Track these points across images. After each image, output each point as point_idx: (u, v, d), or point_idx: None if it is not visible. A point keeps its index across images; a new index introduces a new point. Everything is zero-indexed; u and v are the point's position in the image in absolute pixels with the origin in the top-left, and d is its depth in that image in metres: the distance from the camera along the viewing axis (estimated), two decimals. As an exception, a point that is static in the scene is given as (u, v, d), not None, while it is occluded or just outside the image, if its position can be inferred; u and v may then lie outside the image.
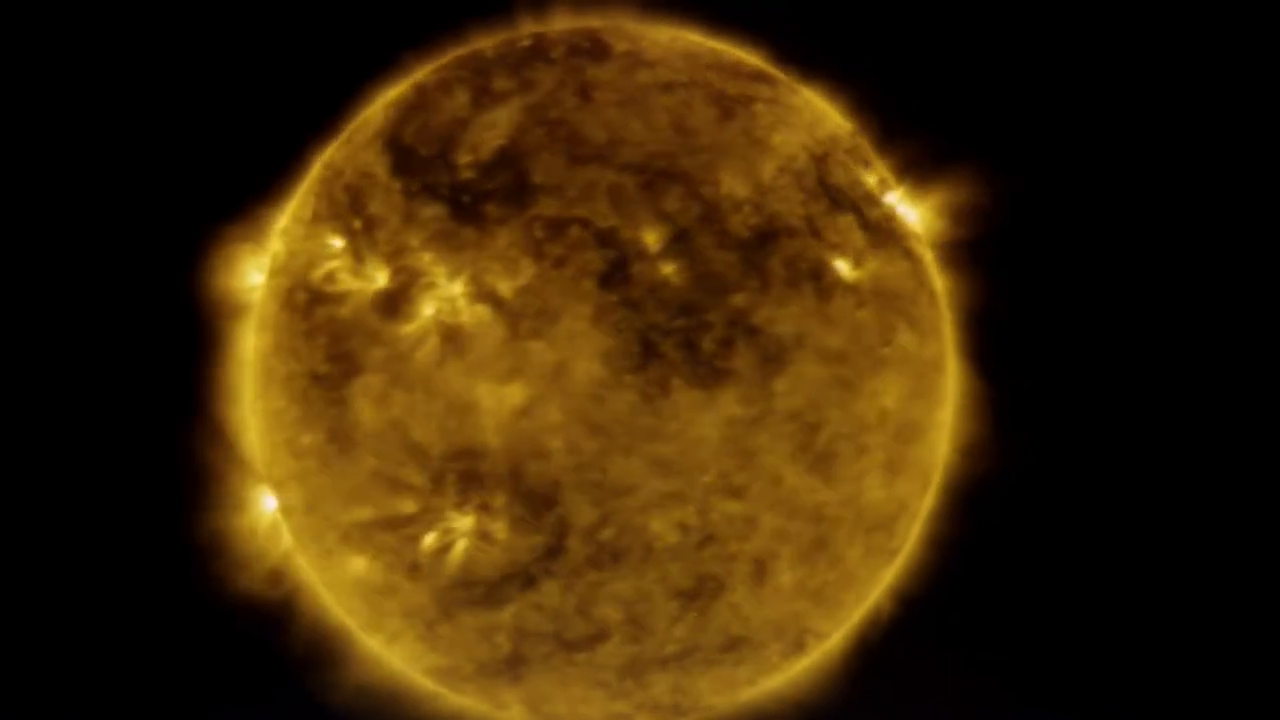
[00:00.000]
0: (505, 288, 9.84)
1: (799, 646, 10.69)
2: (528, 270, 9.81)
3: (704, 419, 9.91)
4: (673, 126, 10.17)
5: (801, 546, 10.30)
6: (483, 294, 9.85)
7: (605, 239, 9.87)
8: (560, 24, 10.74)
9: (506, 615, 10.19)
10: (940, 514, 10.73)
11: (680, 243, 9.92)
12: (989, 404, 10.62)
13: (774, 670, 10.75)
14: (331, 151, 10.62)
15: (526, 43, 10.54)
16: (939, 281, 10.78)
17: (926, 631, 10.88)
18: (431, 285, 9.85)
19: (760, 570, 10.25)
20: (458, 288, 9.86)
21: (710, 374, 9.88)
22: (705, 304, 9.92)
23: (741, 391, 9.94)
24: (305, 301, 10.21)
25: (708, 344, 9.88)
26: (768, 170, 10.20)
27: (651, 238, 9.89)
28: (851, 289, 10.21)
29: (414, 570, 10.14)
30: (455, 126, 10.17)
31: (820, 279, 10.12)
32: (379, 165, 10.16)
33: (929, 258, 10.77)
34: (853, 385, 10.19)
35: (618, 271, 9.84)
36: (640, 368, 9.81)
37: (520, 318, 9.83)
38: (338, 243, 10.12)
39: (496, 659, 10.39)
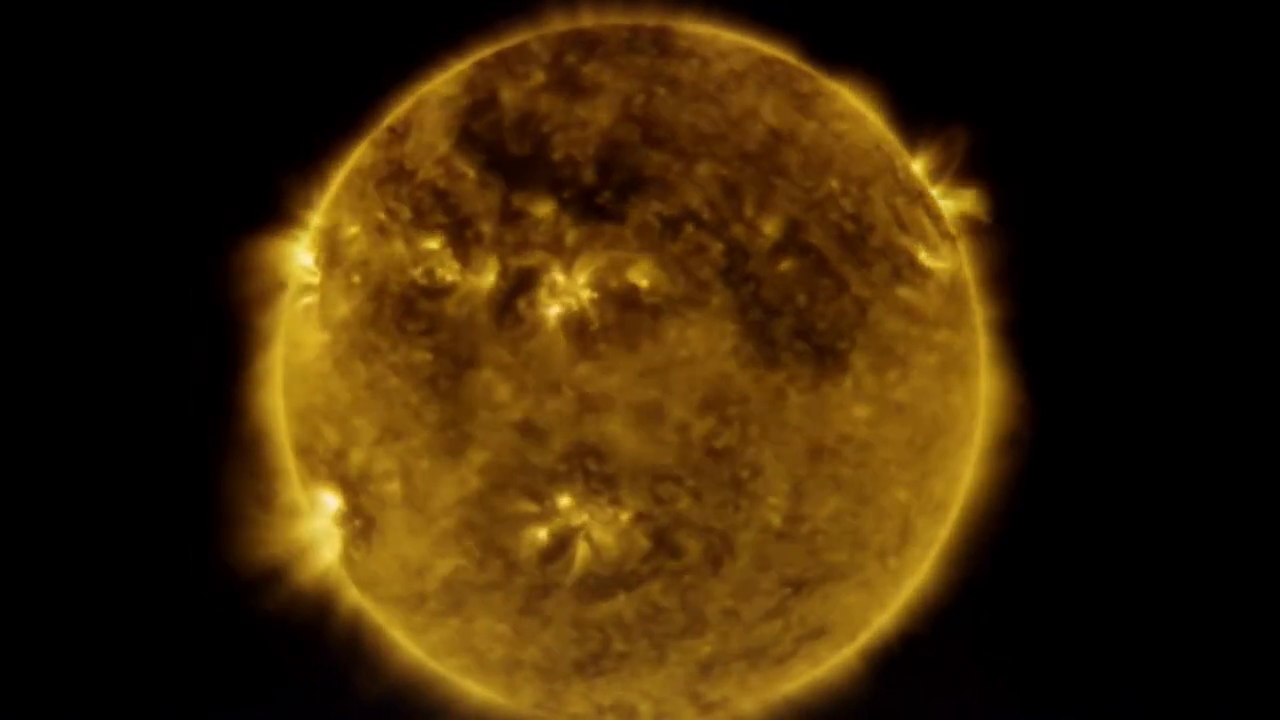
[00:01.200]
0: (626, 283, 9.54)
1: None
2: (648, 265, 9.55)
3: (829, 413, 9.78)
4: (761, 121, 10.03)
5: (891, 539, 10.21)
6: (605, 290, 9.59)
7: (720, 232, 9.67)
8: (589, 21, 10.47)
9: (606, 611, 10.00)
10: (969, 518, 10.68)
11: (793, 235, 9.78)
12: (1019, 403, 10.53)
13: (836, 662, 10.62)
14: (377, 151, 10.21)
15: (575, 37, 10.24)
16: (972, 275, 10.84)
17: (952, 638, 10.92)
18: (550, 282, 9.58)
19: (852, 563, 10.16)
20: (578, 283, 9.63)
21: (834, 368, 9.73)
22: (824, 296, 9.79)
23: (860, 386, 9.84)
24: (400, 302, 9.88)
25: (830, 338, 9.74)
26: (854, 164, 10.12)
27: (768, 230, 9.74)
28: (936, 279, 10.20)
29: (513, 567, 9.93)
30: (539, 122, 9.90)
31: (915, 270, 10.08)
32: (464, 164, 9.83)
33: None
34: (945, 377, 10.17)
35: (738, 265, 9.67)
36: (767, 362, 9.63)
37: (645, 313, 9.52)
38: (433, 243, 9.74)
39: (582, 655, 10.22)
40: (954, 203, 10.75)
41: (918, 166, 10.67)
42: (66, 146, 10.98)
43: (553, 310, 9.70)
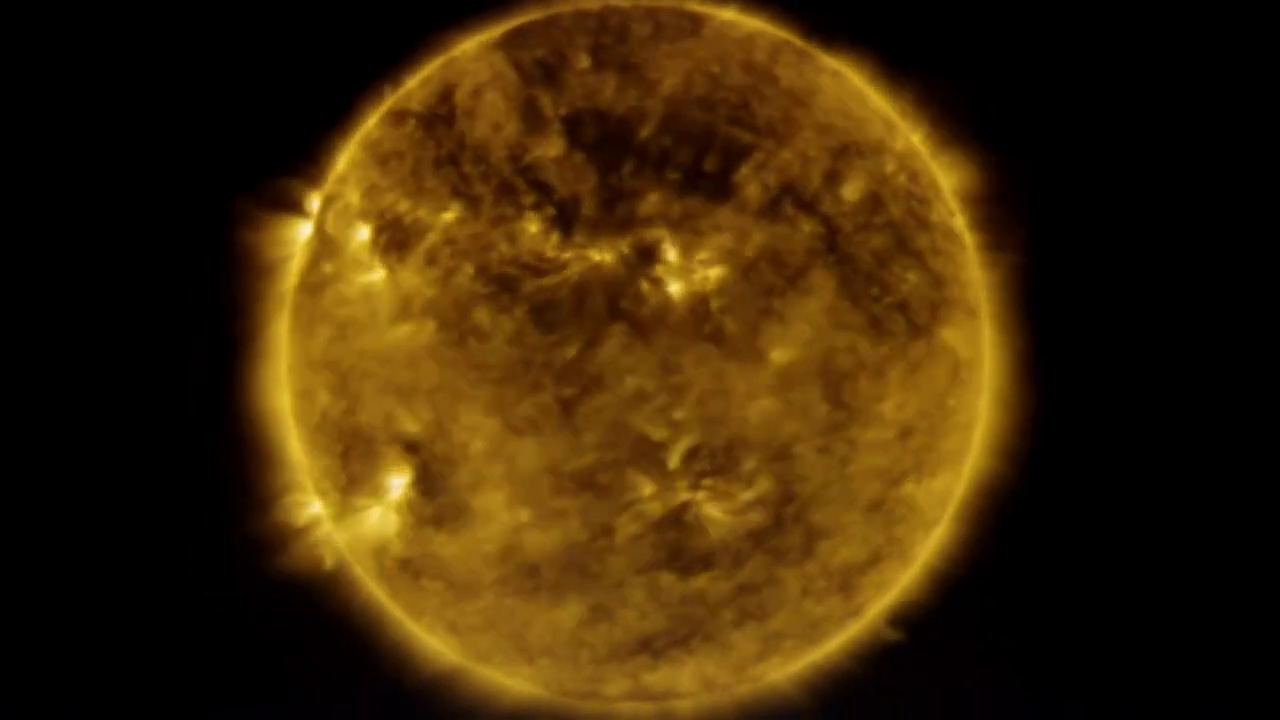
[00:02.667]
0: (743, 260, 9.50)
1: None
2: (760, 241, 9.55)
3: (923, 386, 9.98)
4: (822, 96, 10.15)
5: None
6: (724, 266, 9.56)
7: (815, 208, 9.78)
8: (589, 4, 10.43)
9: (697, 588, 10.01)
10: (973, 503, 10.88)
11: (875, 211, 9.94)
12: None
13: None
14: (417, 133, 9.96)
15: (599, 17, 10.18)
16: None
17: (958, 621, 11.03)
18: (666, 260, 9.42)
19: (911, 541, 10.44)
20: (694, 260, 9.53)
21: (925, 342, 9.94)
22: (907, 268, 9.98)
23: (943, 356, 10.07)
24: (504, 283, 9.69)
25: (919, 312, 9.95)
26: (892, 140, 10.34)
27: (854, 207, 9.86)
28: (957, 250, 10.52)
29: (612, 546, 9.88)
30: (611, 101, 9.78)
31: (949, 239, 10.37)
32: (547, 143, 9.62)
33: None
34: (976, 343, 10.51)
35: (836, 242, 9.75)
36: (873, 340, 9.75)
37: (762, 292, 9.62)
38: (531, 224, 9.60)
39: (655, 632, 10.19)
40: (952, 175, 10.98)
41: (918, 140, 10.90)
42: (75, 135, 10.87)
43: (672, 288, 9.57)
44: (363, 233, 10.02)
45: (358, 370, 9.97)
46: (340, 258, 10.09)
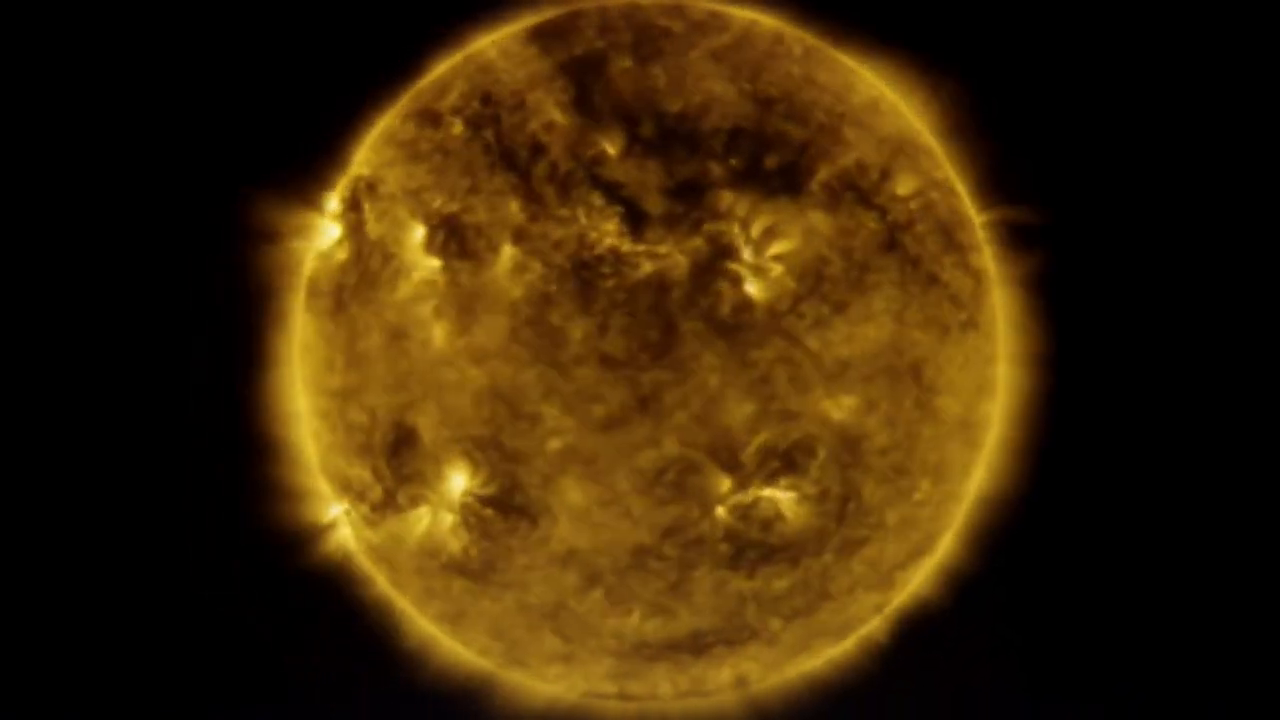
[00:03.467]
0: (812, 255, 9.67)
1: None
2: (827, 237, 9.66)
3: (969, 384, 10.12)
4: (856, 93, 10.20)
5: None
6: (796, 262, 9.56)
7: (871, 201, 9.88)
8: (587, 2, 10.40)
9: (758, 585, 10.03)
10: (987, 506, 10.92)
11: (924, 205, 10.04)
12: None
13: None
14: (456, 131, 9.82)
15: (637, 14, 10.16)
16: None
17: (969, 620, 11.01)
18: (740, 256, 9.42)
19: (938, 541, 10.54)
20: (766, 256, 9.58)
21: (973, 337, 10.06)
22: (954, 264, 10.09)
23: (986, 352, 10.21)
24: (582, 281, 9.59)
25: (968, 308, 10.08)
26: (924, 138, 10.45)
27: (906, 201, 9.97)
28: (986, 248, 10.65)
29: (686, 543, 9.83)
30: (661, 98, 9.81)
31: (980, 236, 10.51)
32: (606, 140, 9.61)
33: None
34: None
35: (894, 234, 9.83)
36: (935, 332, 9.85)
37: (834, 287, 9.70)
38: (604, 221, 9.53)
39: (707, 629, 10.18)
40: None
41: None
42: (89, 135, 10.78)
43: (748, 286, 9.53)
44: (417, 233, 9.81)
45: (418, 369, 9.79)
46: (390, 257, 9.88)
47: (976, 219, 10.47)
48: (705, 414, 9.57)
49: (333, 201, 10.29)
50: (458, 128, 9.98)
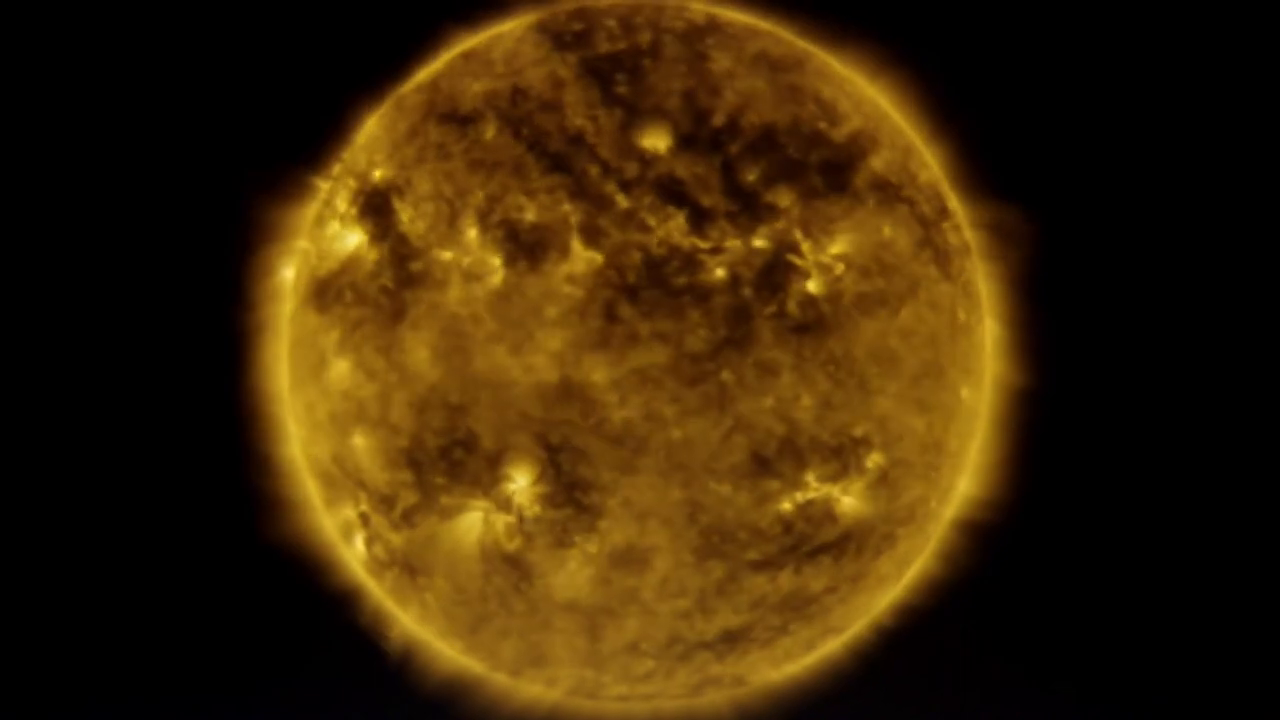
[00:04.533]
0: (868, 253, 9.72)
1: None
2: (879, 235, 9.82)
3: (983, 379, 10.38)
4: (859, 98, 10.34)
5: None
6: (853, 259, 9.62)
7: (911, 201, 10.03)
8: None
9: (802, 580, 10.05)
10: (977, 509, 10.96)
11: (944, 202, 10.26)
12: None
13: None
14: (495, 133, 9.67)
15: (641, 13, 10.14)
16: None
17: (958, 621, 11.07)
18: (803, 254, 9.45)
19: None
20: (828, 254, 9.66)
21: (982, 331, 10.31)
22: (966, 258, 10.31)
23: (990, 347, 10.48)
24: (652, 283, 9.48)
25: (981, 304, 10.31)
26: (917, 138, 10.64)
27: (929, 195, 10.12)
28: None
29: (738, 541, 9.78)
30: (704, 96, 9.83)
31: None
32: (654, 138, 9.60)
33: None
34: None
35: (929, 231, 9.98)
36: (961, 328, 10.11)
37: (890, 285, 9.77)
38: (668, 220, 9.48)
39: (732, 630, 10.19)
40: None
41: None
42: (88, 134, 10.79)
43: (810, 285, 9.52)
44: (469, 234, 9.54)
45: (477, 369, 9.55)
46: (438, 259, 9.63)
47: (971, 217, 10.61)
48: (777, 412, 9.53)
49: (342, 203, 9.90)
50: (491, 128, 9.70)
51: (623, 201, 9.47)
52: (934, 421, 9.98)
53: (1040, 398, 10.69)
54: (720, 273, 9.45)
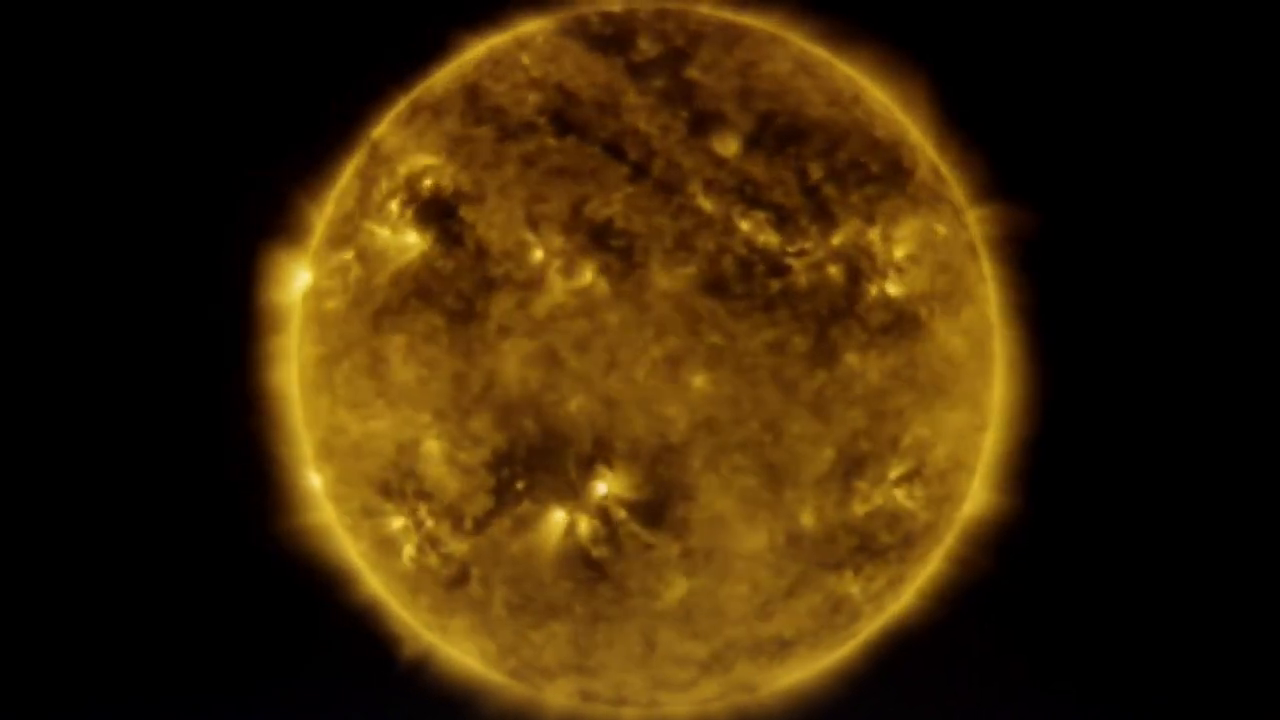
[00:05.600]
0: (934, 253, 9.92)
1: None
2: (940, 234, 9.93)
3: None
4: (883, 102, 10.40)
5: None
6: (923, 260, 9.79)
7: (953, 201, 10.03)
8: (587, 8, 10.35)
9: (857, 586, 10.17)
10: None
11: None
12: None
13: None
14: (562, 141, 9.62)
15: (669, 19, 10.11)
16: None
17: (967, 626, 11.03)
18: (874, 255, 9.59)
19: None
20: (898, 256, 9.78)
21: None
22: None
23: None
24: (745, 283, 9.46)
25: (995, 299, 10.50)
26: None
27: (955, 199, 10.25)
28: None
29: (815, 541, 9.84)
30: (755, 98, 9.89)
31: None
32: (722, 143, 9.64)
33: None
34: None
35: (968, 228, 10.06)
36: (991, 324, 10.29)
37: (950, 282, 9.93)
38: (751, 221, 9.52)
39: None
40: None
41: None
42: (98, 144, 10.74)
43: (890, 287, 9.56)
44: (554, 241, 9.41)
45: (571, 373, 9.43)
46: (520, 265, 9.48)
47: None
48: (863, 414, 9.55)
49: (392, 209, 9.68)
50: (549, 134, 9.52)
51: (706, 205, 9.40)
52: (980, 422, 10.08)
53: (1046, 402, 10.74)
54: (807, 276, 9.44)
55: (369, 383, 9.71)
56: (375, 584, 10.32)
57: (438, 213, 9.64)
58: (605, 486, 9.49)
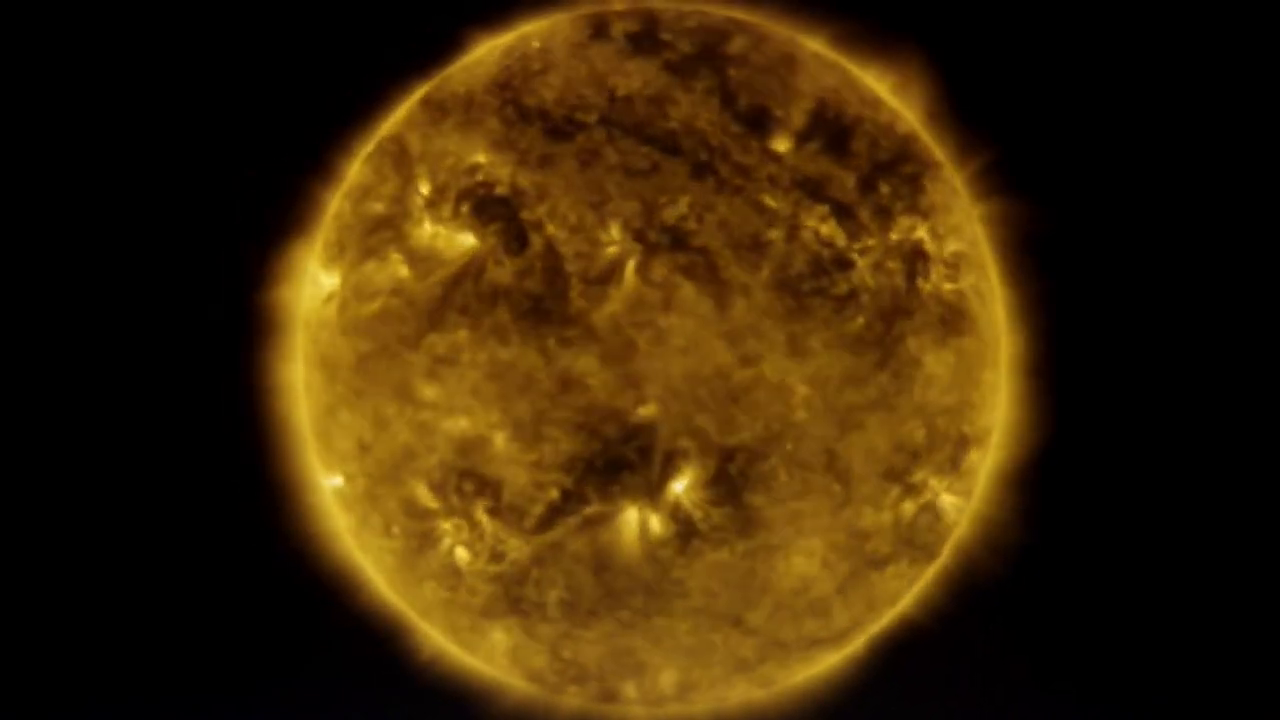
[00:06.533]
0: (978, 250, 10.12)
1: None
2: (974, 229, 9.99)
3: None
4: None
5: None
6: (973, 260, 10.09)
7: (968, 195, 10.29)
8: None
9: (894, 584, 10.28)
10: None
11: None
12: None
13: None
14: (614, 139, 9.65)
15: (693, 17, 10.19)
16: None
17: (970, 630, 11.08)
18: (930, 254, 9.73)
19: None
20: (947, 251, 9.91)
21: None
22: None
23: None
24: (818, 280, 9.54)
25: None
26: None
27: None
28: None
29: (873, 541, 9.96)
30: (793, 94, 9.93)
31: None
32: (775, 139, 9.65)
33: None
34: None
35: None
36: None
37: (990, 279, 9.99)
38: (819, 221, 9.55)
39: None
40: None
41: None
42: (108, 131, 10.70)
43: (945, 286, 9.70)
44: (624, 240, 9.40)
45: (652, 370, 9.41)
46: (595, 264, 9.45)
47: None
48: (922, 411, 9.68)
49: (442, 208, 9.58)
50: (602, 133, 9.48)
51: (772, 202, 9.43)
52: (1000, 420, 10.27)
53: (1054, 403, 10.81)
54: (872, 273, 9.52)
55: (424, 382, 9.60)
56: (402, 585, 10.21)
57: (496, 212, 9.54)
58: (679, 484, 9.51)
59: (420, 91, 10.14)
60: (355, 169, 10.14)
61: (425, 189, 9.73)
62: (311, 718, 10.97)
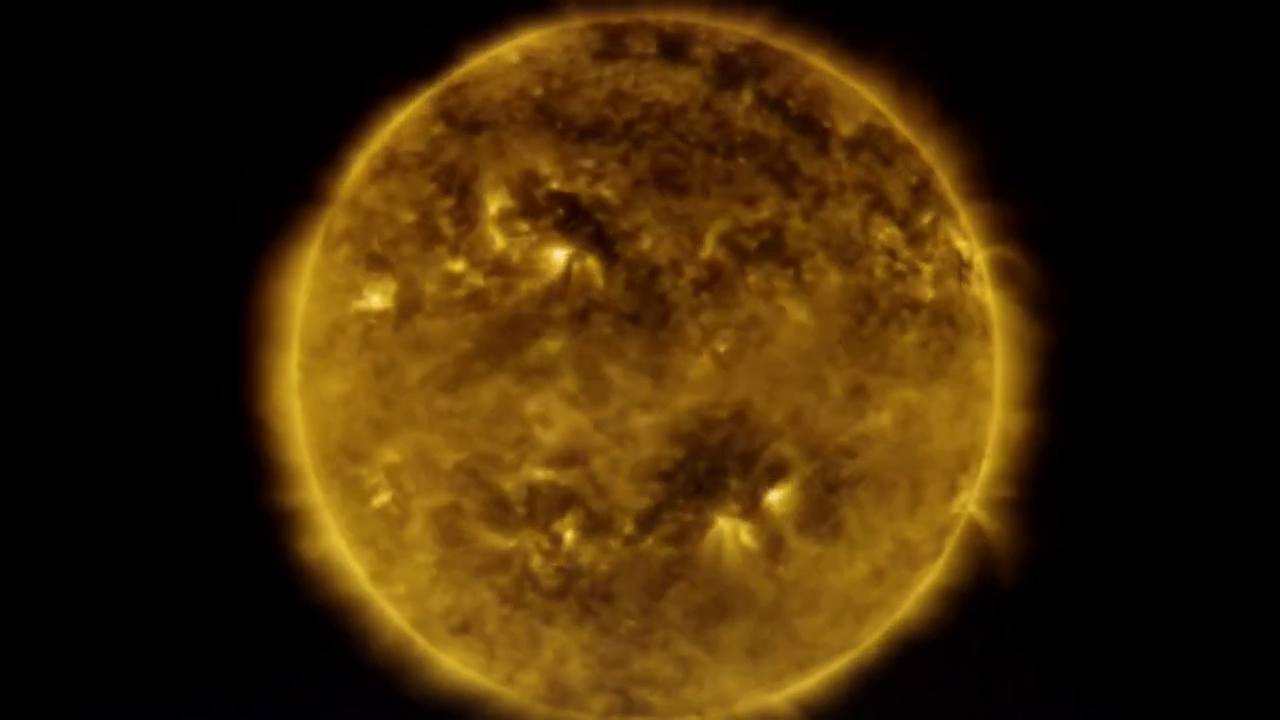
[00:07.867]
0: (1005, 259, 10.44)
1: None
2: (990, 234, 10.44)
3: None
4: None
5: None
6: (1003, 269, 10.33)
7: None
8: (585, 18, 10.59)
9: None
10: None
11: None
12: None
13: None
14: (664, 153, 9.74)
15: (700, 29, 10.37)
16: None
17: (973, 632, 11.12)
18: (972, 264, 10.06)
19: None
20: (979, 258, 10.23)
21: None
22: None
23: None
24: (890, 288, 9.80)
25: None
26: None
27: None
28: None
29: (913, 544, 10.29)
30: (822, 106, 10.12)
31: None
32: (836, 150, 9.83)
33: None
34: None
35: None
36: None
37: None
38: (890, 230, 9.82)
39: None
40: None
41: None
42: (111, 132, 10.73)
43: (986, 291, 10.07)
44: (716, 252, 9.53)
45: (746, 376, 9.56)
46: (686, 275, 9.56)
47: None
48: (970, 420, 10.04)
49: (521, 225, 9.58)
50: (669, 144, 9.63)
51: (843, 214, 9.66)
52: (1009, 426, 10.61)
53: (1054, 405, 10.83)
54: (933, 288, 9.86)
55: (516, 393, 9.59)
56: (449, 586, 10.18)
57: (577, 223, 9.60)
58: (775, 495, 9.67)
59: (431, 101, 10.13)
60: (387, 181, 10.06)
61: (486, 202, 9.71)
62: (310, 716, 11.02)
